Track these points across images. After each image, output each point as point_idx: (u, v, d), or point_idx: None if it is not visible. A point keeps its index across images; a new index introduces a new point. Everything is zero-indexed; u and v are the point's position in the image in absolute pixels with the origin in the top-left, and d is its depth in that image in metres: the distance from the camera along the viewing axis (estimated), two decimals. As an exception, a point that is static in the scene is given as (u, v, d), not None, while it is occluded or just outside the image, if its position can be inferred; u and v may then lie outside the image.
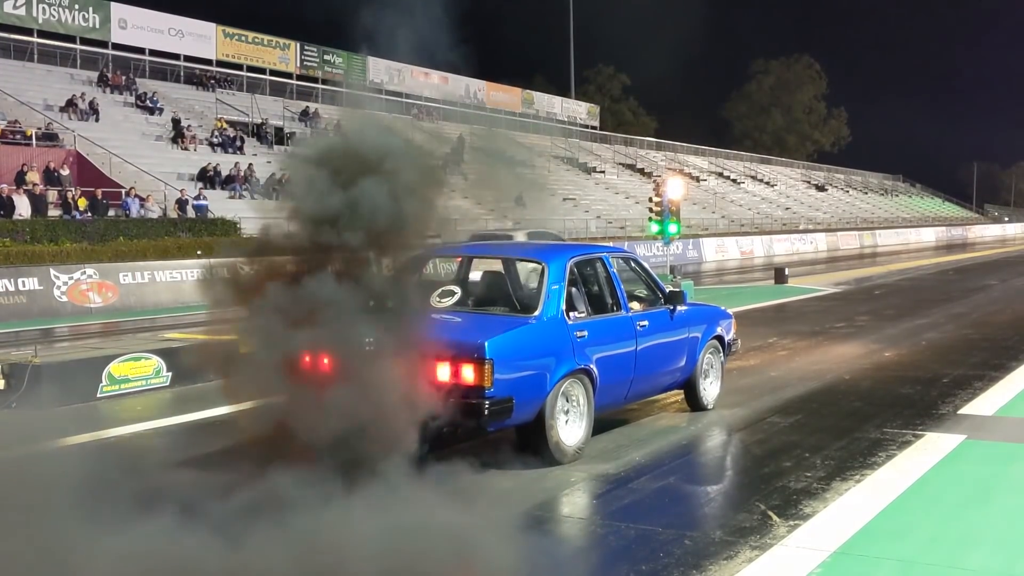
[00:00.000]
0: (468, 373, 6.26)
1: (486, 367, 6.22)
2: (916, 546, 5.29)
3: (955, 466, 7.00)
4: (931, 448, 7.47)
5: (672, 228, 20.15)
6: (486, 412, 6.25)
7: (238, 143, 32.53)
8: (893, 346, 13.00)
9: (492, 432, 6.86)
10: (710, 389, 8.88)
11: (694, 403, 8.78)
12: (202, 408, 8.72)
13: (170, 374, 9.97)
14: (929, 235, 63.75)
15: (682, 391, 8.80)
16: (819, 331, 14.52)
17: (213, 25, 39.31)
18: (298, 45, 42.72)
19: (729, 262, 39.48)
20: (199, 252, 20.16)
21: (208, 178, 28.24)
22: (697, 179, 59.64)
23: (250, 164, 30.12)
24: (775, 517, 5.75)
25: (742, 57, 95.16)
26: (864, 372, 11.03)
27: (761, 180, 69.48)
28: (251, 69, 40.60)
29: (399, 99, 42.07)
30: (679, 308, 8.26)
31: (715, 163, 67.97)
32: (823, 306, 19.21)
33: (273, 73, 41.56)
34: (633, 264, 8.52)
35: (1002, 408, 8.93)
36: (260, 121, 35.24)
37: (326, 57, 44.05)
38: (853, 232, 54.80)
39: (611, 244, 30.67)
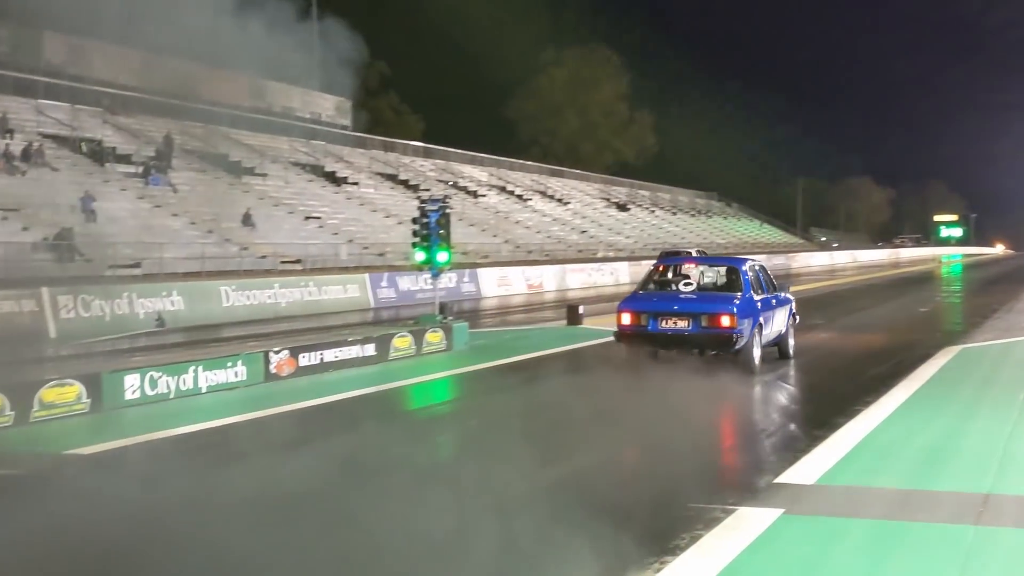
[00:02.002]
0: (726, 321, 15.42)
1: (735, 317, 15.39)
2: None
3: (770, 546, 7.39)
4: (744, 525, 7.84)
5: (441, 256, 20.37)
6: (734, 341, 15.36)
7: None
8: (705, 402, 13.53)
9: (731, 352, 15.79)
10: (791, 344, 18.37)
11: (784, 354, 18.06)
12: None
13: None
14: (748, 265, 67.20)
15: (776, 346, 17.83)
16: (618, 385, 14.96)
17: None
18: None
19: (514, 297, 40.33)
20: None
21: None
22: (475, 194, 60.75)
23: None
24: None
25: (530, 45, 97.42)
26: (669, 435, 11.41)
27: (552, 197, 71.51)
28: None
29: (84, 86, 40.48)
30: (783, 295, 17.96)
31: (497, 175, 69.34)
32: (625, 353, 19.86)
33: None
34: (763, 269, 18.11)
35: (825, 475, 9.51)
36: None
37: (-14, 28, 41.79)
38: (661, 261, 57.08)
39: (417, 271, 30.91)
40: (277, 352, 15.79)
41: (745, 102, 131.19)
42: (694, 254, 18.13)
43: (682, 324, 15.88)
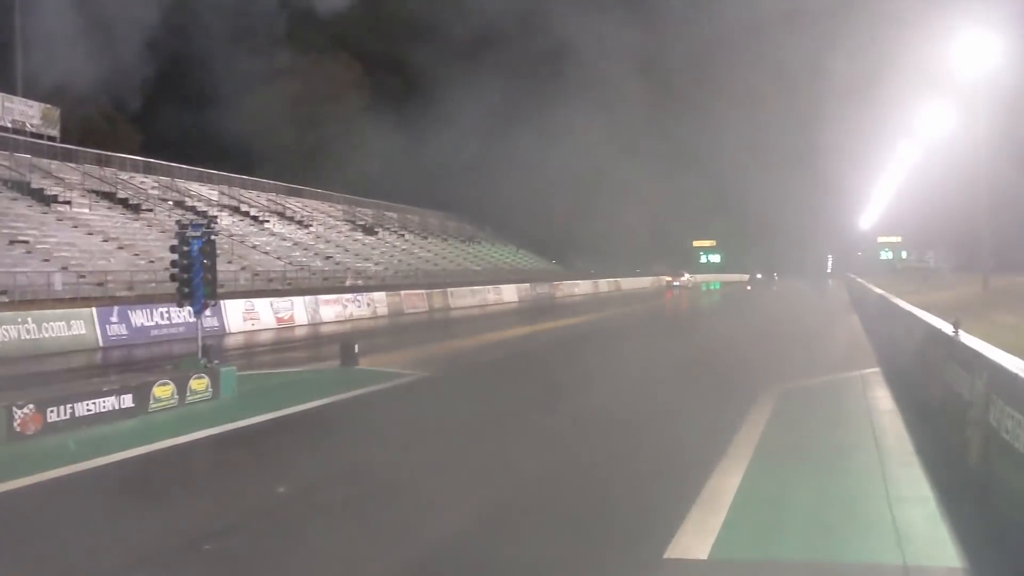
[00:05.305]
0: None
1: (830, 280, 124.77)
2: None
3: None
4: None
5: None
6: (830, 283, 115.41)
7: None
8: (532, 458, 13.28)
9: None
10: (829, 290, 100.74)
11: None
12: None
13: None
14: (511, 293, 68.23)
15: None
16: (426, 447, 14.36)
17: None
18: None
19: (263, 333, 38.96)
20: None
21: None
22: (205, 216, 58.88)
23: None
24: None
25: (260, 49, 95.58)
26: (506, 507, 10.89)
27: (292, 219, 70.33)
28: None
29: None
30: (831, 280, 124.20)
31: (229, 194, 67.73)
32: (416, 400, 19.38)
33: None
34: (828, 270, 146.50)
35: (716, 546, 9.14)
36: None
37: None
38: (420, 291, 56.98)
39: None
40: (21, 407, 14.32)
41: (491, 114, 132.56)
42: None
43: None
